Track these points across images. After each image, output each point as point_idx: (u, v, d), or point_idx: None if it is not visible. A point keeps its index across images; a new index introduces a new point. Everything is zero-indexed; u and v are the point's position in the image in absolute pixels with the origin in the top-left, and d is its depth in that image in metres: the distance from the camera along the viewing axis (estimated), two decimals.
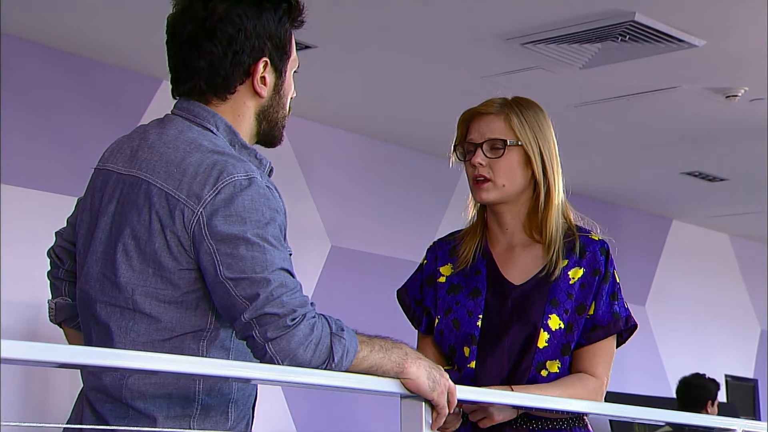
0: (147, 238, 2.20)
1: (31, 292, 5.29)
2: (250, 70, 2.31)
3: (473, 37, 5.43)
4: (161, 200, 2.20)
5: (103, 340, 2.25)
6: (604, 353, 2.85)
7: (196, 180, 2.19)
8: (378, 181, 7.24)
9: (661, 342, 9.12)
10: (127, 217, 2.23)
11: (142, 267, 2.20)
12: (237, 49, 2.28)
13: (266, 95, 2.34)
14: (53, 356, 1.83)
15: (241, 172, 2.20)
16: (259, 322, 2.13)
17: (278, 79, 2.35)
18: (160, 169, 2.23)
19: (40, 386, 5.37)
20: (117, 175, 2.30)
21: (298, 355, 2.13)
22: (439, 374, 2.31)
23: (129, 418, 2.20)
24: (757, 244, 10.16)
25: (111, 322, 2.23)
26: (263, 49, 2.31)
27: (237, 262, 2.15)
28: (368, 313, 5.24)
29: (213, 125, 2.30)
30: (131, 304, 2.21)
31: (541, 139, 2.87)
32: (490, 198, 2.85)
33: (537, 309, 2.81)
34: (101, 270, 2.25)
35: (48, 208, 5.49)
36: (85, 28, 5.35)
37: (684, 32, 5.31)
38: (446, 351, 2.84)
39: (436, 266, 2.93)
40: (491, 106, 2.88)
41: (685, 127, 6.92)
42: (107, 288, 2.24)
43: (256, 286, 2.14)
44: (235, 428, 2.29)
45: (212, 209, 2.17)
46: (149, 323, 2.20)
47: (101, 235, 2.27)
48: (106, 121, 5.72)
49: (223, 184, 2.18)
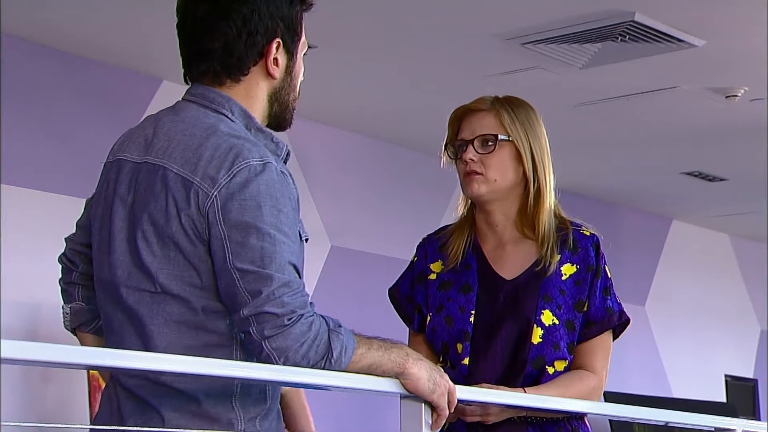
0: (164, 222, 2.20)
1: (31, 292, 5.30)
2: (264, 51, 2.31)
3: (473, 37, 5.43)
4: (177, 184, 2.20)
5: (129, 326, 2.24)
6: (601, 349, 2.86)
7: (211, 164, 2.19)
8: (378, 181, 7.24)
9: (661, 342, 9.11)
10: (145, 204, 2.23)
11: (162, 251, 2.20)
12: (251, 30, 2.29)
13: (279, 77, 2.35)
14: (53, 356, 1.83)
15: (256, 156, 2.20)
16: (257, 320, 2.14)
17: (290, 61, 2.35)
18: (177, 155, 2.23)
19: (40, 386, 5.37)
20: (132, 164, 2.30)
21: (295, 352, 2.13)
22: (439, 376, 2.30)
23: (171, 397, 2.20)
24: (757, 244, 10.16)
25: (140, 306, 2.22)
26: (276, 29, 2.31)
27: (246, 252, 2.15)
28: (368, 313, 5.23)
29: (228, 110, 2.30)
30: (159, 288, 2.21)
31: (532, 135, 2.87)
32: (481, 191, 2.84)
33: (530, 304, 2.81)
34: (125, 257, 2.25)
35: (48, 208, 5.49)
36: (85, 28, 5.35)
37: (684, 32, 5.31)
38: (439, 348, 2.84)
39: (426, 263, 2.93)
40: (482, 102, 2.89)
41: (685, 127, 6.92)
42: (133, 274, 2.23)
43: (260, 282, 2.14)
44: (273, 408, 2.30)
45: (227, 193, 2.17)
46: (180, 304, 2.20)
47: (120, 222, 2.27)
48: (106, 121, 5.72)
49: (239, 168, 2.18)
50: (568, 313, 2.81)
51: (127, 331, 2.25)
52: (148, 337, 2.21)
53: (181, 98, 2.38)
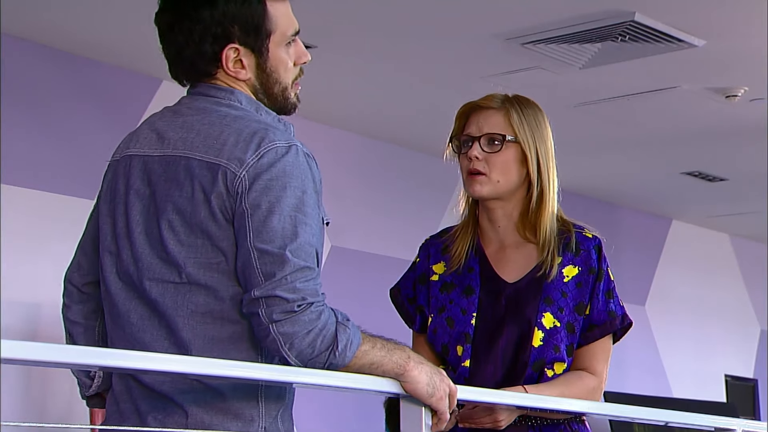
0: (191, 209, 2.20)
1: (31, 292, 5.30)
2: (219, 57, 2.30)
3: (473, 37, 5.43)
4: (203, 170, 2.21)
5: (152, 319, 2.24)
6: (602, 351, 2.85)
7: (237, 147, 2.20)
8: (378, 181, 7.24)
9: (661, 342, 9.12)
10: (168, 195, 2.23)
11: (190, 240, 2.20)
12: (196, 39, 2.28)
13: (250, 76, 2.34)
14: (53, 356, 1.83)
15: (282, 139, 2.22)
16: (267, 302, 2.13)
17: (260, 59, 2.33)
18: (199, 143, 2.24)
19: (40, 386, 5.37)
20: (145, 158, 2.30)
21: (301, 339, 2.13)
22: (439, 379, 2.30)
23: (197, 393, 2.19)
24: (757, 244, 10.16)
25: (164, 298, 2.22)
26: (229, 35, 2.29)
27: (267, 232, 2.15)
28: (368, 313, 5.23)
29: (236, 100, 2.31)
30: (185, 278, 2.20)
31: (539, 138, 2.86)
32: (483, 192, 2.84)
33: (531, 307, 2.80)
34: (145, 249, 2.24)
35: (48, 208, 5.50)
36: (85, 28, 5.36)
37: (684, 32, 5.31)
38: (439, 350, 2.83)
39: (428, 264, 2.92)
40: (492, 100, 2.87)
41: (685, 127, 6.92)
42: (156, 266, 2.23)
43: (276, 264, 2.14)
44: (290, 405, 2.31)
45: (255, 173, 2.17)
46: (207, 294, 2.20)
47: (137, 216, 2.27)
48: (106, 121, 5.72)
49: (266, 149, 2.19)
50: (569, 315, 2.81)
51: (150, 325, 2.24)
52: (173, 329, 2.21)
53: (184, 95, 2.39)
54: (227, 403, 2.20)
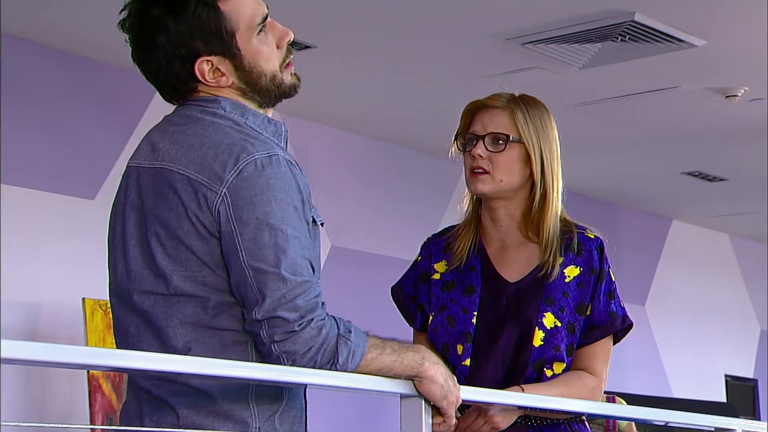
0: (176, 223, 2.20)
1: (31, 292, 5.30)
2: (194, 74, 2.29)
3: (473, 37, 5.43)
4: (184, 185, 2.20)
5: (146, 330, 2.24)
6: (602, 352, 2.85)
7: (216, 161, 2.18)
8: (378, 181, 7.24)
9: (661, 342, 9.12)
10: (155, 207, 2.23)
11: (176, 253, 2.20)
12: (164, 65, 2.29)
13: (233, 80, 2.31)
14: (53, 356, 1.83)
15: (261, 150, 2.19)
16: (268, 324, 2.14)
17: (234, 60, 2.30)
18: (181, 156, 2.23)
19: (40, 386, 5.38)
20: (140, 169, 2.30)
21: (302, 356, 2.14)
22: (453, 383, 2.31)
23: (186, 395, 2.20)
24: (757, 244, 10.17)
25: (154, 308, 2.22)
26: (195, 50, 2.27)
27: (259, 250, 2.14)
28: (368, 313, 5.23)
29: (220, 108, 2.29)
30: (173, 290, 2.20)
31: (544, 139, 2.86)
32: (485, 190, 2.83)
33: (532, 307, 2.80)
34: (137, 261, 2.25)
35: (48, 208, 5.50)
36: (85, 28, 5.36)
37: (684, 32, 5.31)
38: (439, 348, 2.83)
39: (430, 263, 2.92)
40: (497, 99, 2.87)
41: (685, 127, 6.92)
42: (147, 278, 2.23)
43: (273, 282, 2.13)
44: (292, 407, 2.31)
45: (235, 189, 2.16)
46: (195, 304, 2.20)
47: (132, 229, 2.27)
48: (106, 121, 5.72)
49: (245, 163, 2.17)
50: (570, 315, 2.81)
51: (145, 335, 2.25)
52: (165, 339, 2.21)
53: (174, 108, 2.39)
54: (217, 405, 2.20)
